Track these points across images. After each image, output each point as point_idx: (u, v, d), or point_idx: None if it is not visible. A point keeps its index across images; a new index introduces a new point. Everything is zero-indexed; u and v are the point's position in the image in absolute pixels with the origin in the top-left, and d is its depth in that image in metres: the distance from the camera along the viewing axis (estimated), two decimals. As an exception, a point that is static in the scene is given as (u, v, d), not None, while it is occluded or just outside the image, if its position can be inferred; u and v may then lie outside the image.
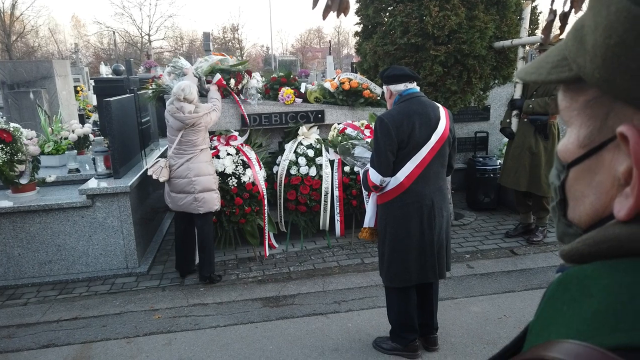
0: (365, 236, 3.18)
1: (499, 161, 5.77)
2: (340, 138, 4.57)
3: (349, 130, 4.65)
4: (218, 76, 4.65)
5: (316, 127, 5.07)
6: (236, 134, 4.82)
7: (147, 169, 4.13)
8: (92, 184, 4.44)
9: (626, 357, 0.34)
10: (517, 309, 3.65)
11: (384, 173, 2.81)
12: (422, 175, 2.83)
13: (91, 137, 5.98)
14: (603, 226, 0.43)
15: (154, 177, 3.98)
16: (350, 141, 3.91)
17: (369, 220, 3.16)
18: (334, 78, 5.28)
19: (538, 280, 4.13)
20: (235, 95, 4.81)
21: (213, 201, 4.11)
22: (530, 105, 4.63)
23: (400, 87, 2.86)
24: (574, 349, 0.37)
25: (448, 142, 2.89)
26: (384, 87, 2.97)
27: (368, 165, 2.94)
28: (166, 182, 4.07)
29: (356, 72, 5.59)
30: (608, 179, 0.43)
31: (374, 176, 2.83)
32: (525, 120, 4.72)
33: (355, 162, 3.56)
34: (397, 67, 2.93)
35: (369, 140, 4.17)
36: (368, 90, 5.05)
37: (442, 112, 2.88)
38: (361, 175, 3.12)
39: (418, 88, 2.91)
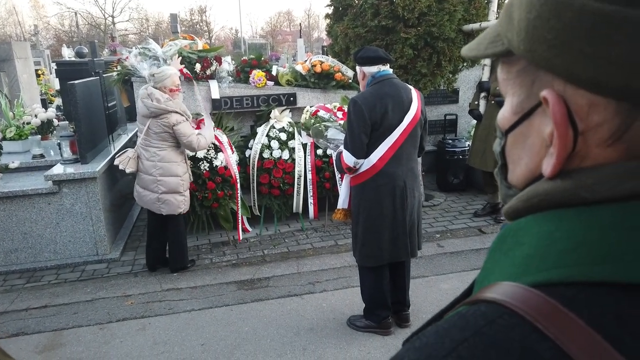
0: (339, 217, 3.22)
1: (468, 143, 5.89)
2: (313, 120, 4.57)
3: (321, 113, 4.66)
4: (179, 66, 4.56)
5: (288, 110, 5.05)
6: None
7: (114, 156, 4.00)
8: (58, 169, 4.31)
9: (546, 292, 0.40)
10: (486, 285, 3.78)
11: (358, 155, 2.84)
12: (395, 156, 2.87)
13: (55, 122, 5.80)
14: (534, 184, 0.49)
15: (120, 167, 3.82)
16: (323, 123, 3.92)
17: (342, 201, 3.20)
18: (306, 61, 5.25)
19: (505, 257, 4.27)
20: (196, 83, 4.71)
21: (177, 204, 3.85)
22: (498, 87, 4.73)
23: (374, 69, 2.88)
24: (504, 288, 0.42)
25: (420, 124, 2.94)
26: (357, 68, 2.98)
27: (341, 147, 2.96)
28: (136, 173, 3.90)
29: (327, 55, 5.58)
30: (537, 141, 0.48)
31: (348, 158, 2.85)
32: (493, 102, 4.83)
33: (328, 144, 3.57)
34: (370, 48, 2.94)
35: (342, 122, 4.20)
36: (340, 73, 5.04)
37: (414, 94, 2.92)
38: (334, 158, 3.15)
39: (391, 70, 2.93)
